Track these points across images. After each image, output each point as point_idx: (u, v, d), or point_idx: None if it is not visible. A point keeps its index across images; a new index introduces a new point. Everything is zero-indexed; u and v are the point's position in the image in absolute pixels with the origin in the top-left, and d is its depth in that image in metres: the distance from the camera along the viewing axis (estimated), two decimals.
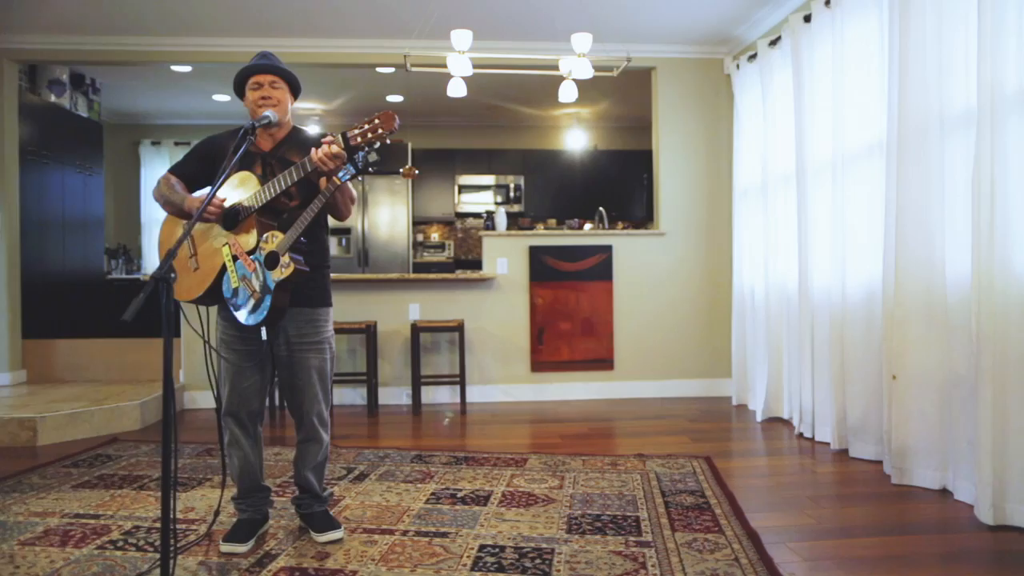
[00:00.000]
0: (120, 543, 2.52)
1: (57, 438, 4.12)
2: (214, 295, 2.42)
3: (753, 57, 4.84)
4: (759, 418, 4.55)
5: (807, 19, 4.05)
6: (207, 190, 2.46)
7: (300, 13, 4.82)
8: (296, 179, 2.33)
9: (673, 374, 5.43)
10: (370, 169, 2.33)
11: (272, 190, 2.34)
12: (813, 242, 4.01)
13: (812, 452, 3.78)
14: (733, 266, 5.15)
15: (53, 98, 6.08)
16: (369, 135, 2.26)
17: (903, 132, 3.12)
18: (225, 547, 2.43)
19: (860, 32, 3.60)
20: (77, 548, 2.47)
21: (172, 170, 2.55)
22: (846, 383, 3.67)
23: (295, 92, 2.55)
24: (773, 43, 4.53)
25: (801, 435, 4.09)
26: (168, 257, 1.93)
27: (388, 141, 2.30)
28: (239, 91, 2.51)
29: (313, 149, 2.31)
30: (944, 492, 3.02)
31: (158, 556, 2.35)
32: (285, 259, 2.30)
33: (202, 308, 2.53)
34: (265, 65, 2.46)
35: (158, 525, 2.67)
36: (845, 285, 3.68)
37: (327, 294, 2.58)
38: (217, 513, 2.63)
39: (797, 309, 4.17)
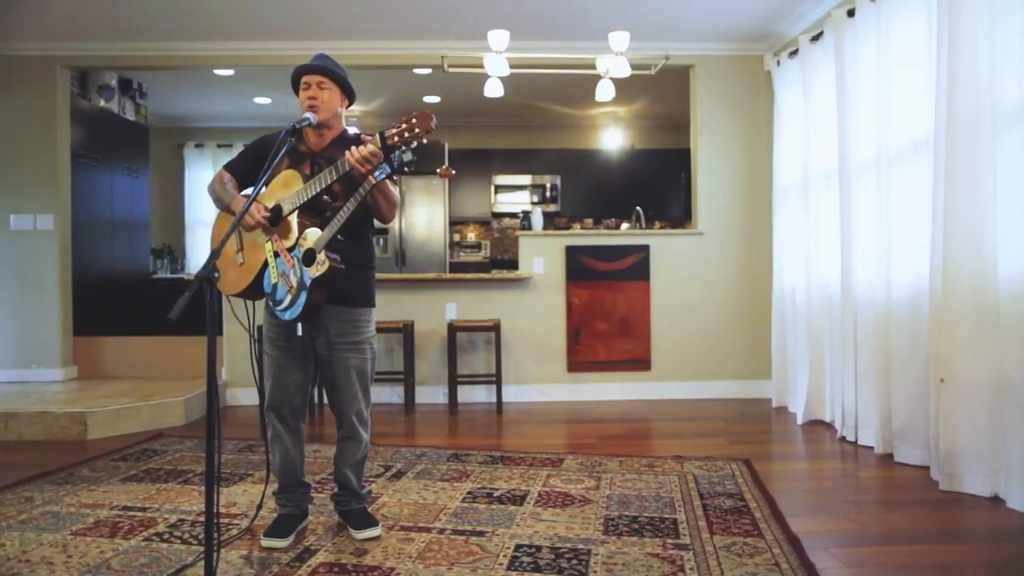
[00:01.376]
0: (166, 535, 2.58)
1: (106, 432, 4.25)
2: (257, 290, 2.48)
3: (794, 53, 4.75)
4: (800, 420, 4.47)
5: (851, 13, 3.96)
6: (246, 189, 2.51)
7: (339, 16, 4.88)
8: (334, 178, 2.36)
9: (711, 375, 5.36)
10: (406, 169, 2.35)
11: (312, 189, 2.38)
12: (856, 241, 3.92)
13: (855, 456, 3.70)
14: (773, 266, 5.06)
15: (102, 103, 6.26)
16: (406, 134, 2.28)
17: (952, 128, 3.03)
18: (266, 542, 2.47)
19: (906, 25, 3.51)
20: (125, 539, 2.54)
21: (227, 166, 2.63)
22: (891, 386, 3.58)
23: (347, 94, 2.57)
24: (815, 38, 4.45)
25: (844, 438, 4.01)
26: (212, 257, 1.98)
27: (425, 141, 2.31)
28: (295, 89, 2.55)
29: (350, 149, 2.34)
30: (996, 499, 2.92)
31: (202, 549, 2.41)
32: (321, 256, 2.33)
33: (249, 304, 2.58)
34: (314, 66, 2.50)
35: (201, 519, 2.73)
36: (890, 285, 3.60)
37: (370, 294, 2.60)
38: (259, 508, 2.68)
39: (839, 309, 4.08)
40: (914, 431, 3.44)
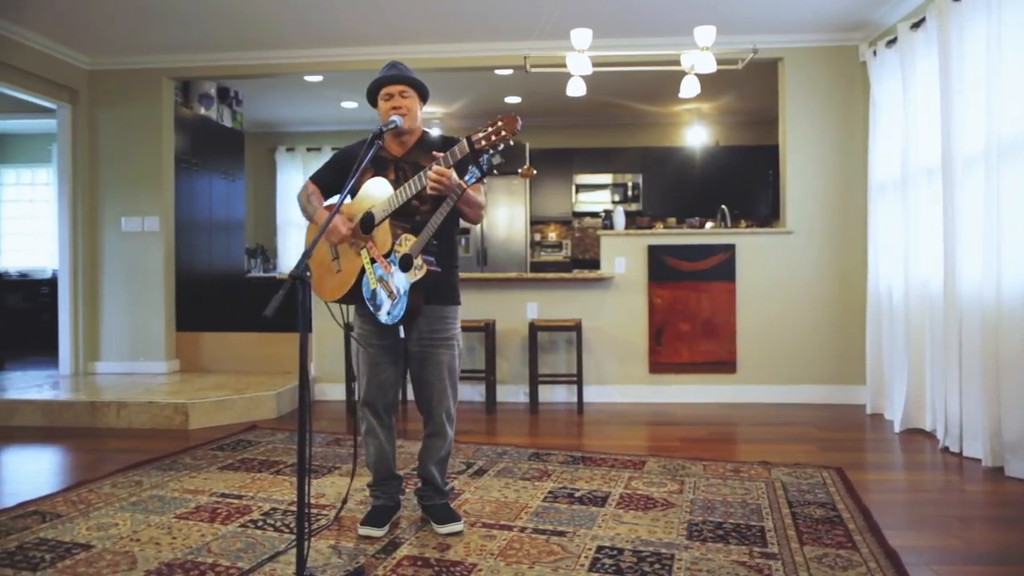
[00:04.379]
0: (260, 523, 2.70)
1: (205, 423, 4.48)
2: (355, 295, 2.56)
3: (892, 42, 4.51)
4: (897, 429, 4.24)
5: None
6: (336, 196, 2.59)
7: (422, 20, 4.98)
8: (420, 188, 2.41)
9: (800, 379, 5.17)
10: (494, 172, 2.38)
11: (403, 196, 2.43)
12: (961, 239, 3.69)
13: (960, 468, 3.48)
14: (868, 266, 4.83)
15: (203, 111, 6.62)
16: (493, 138, 2.30)
17: None
18: (363, 530, 2.56)
19: (1022, 9, 3.27)
20: (223, 525, 2.68)
21: (312, 178, 2.73)
22: (1001, 394, 3.35)
23: (423, 98, 2.63)
24: (916, 26, 4.21)
25: (946, 449, 3.77)
26: (303, 257, 2.06)
27: (511, 143, 2.33)
28: (372, 101, 2.63)
29: (427, 169, 2.37)
30: None
31: (293, 537, 2.51)
32: (418, 261, 2.39)
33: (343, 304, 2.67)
34: (395, 76, 2.56)
35: (292, 508, 2.85)
36: (1000, 286, 3.36)
37: (456, 292, 2.67)
38: (345, 500, 2.77)
39: (942, 311, 3.85)
40: None
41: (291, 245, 8.71)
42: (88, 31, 5.20)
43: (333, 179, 2.67)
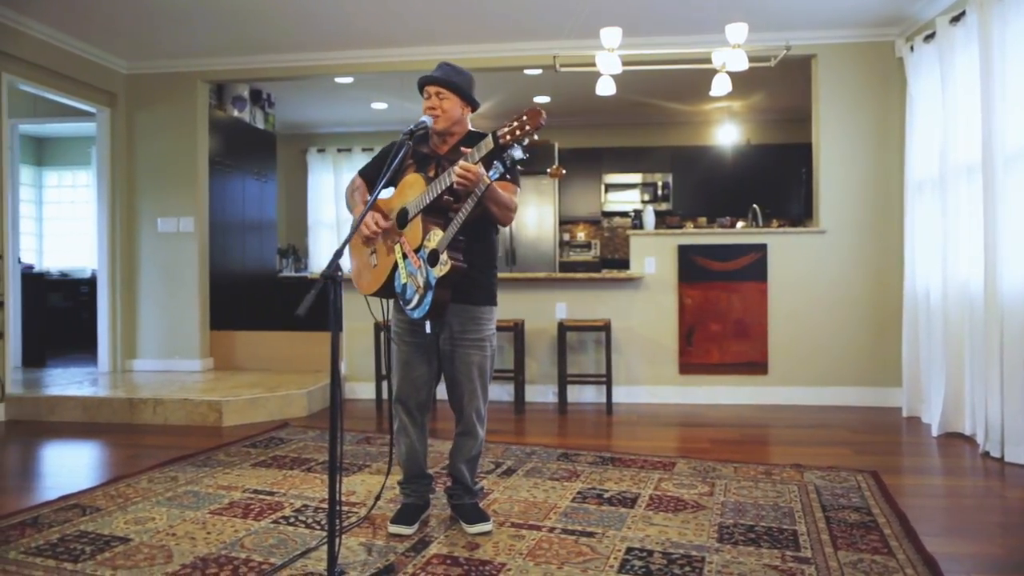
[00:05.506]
0: (292, 519, 2.74)
1: (238, 420, 4.56)
2: (389, 290, 2.59)
3: (931, 37, 4.42)
4: (935, 432, 4.15)
5: None
6: (384, 192, 2.61)
7: (452, 22, 5.00)
8: (449, 184, 2.42)
9: (834, 381, 5.08)
10: (518, 167, 2.37)
11: (433, 192, 2.45)
12: (1003, 238, 3.59)
13: (1001, 474, 3.39)
14: (904, 265, 4.72)
15: (236, 113, 6.72)
16: (517, 132, 2.30)
17: None
18: (393, 528, 2.58)
19: None
20: (256, 521, 2.72)
21: (360, 171, 2.78)
22: None
23: (466, 101, 2.62)
24: (955, 20, 4.11)
25: (987, 454, 3.68)
26: (335, 257, 2.08)
27: (536, 137, 2.32)
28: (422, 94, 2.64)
29: (456, 166, 2.37)
30: None
31: (324, 534, 2.54)
32: (444, 257, 2.40)
33: (384, 301, 2.69)
34: (433, 76, 2.58)
35: (324, 505, 2.88)
36: None
37: (491, 293, 2.66)
38: (377, 498, 2.79)
39: (982, 312, 3.76)
40: None
41: (322, 245, 8.81)
42: (126, 36, 5.32)
43: (379, 173, 2.70)
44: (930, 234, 4.43)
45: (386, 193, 2.66)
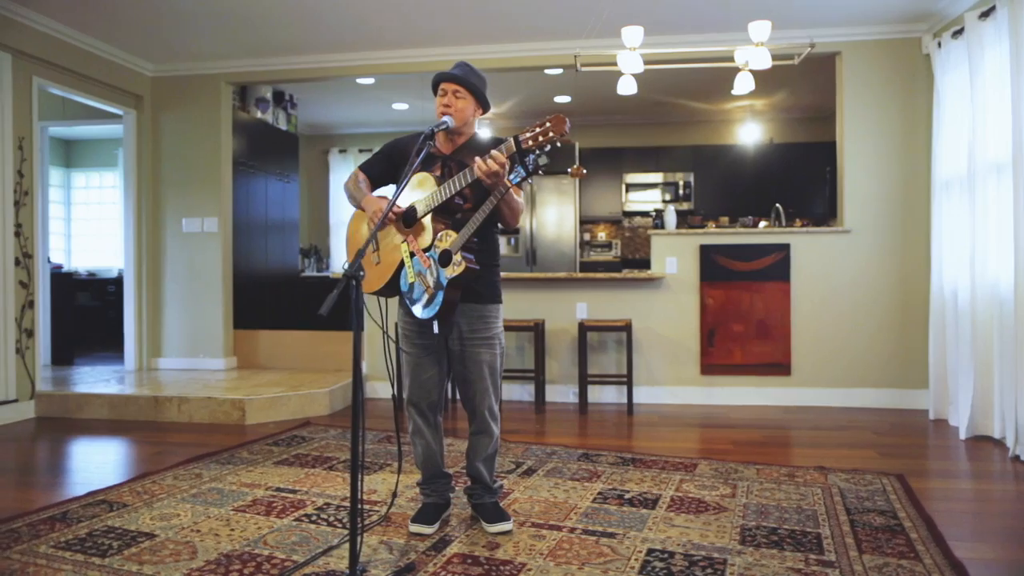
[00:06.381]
0: (314, 517, 2.76)
1: (261, 418, 4.60)
2: (393, 288, 2.60)
3: (959, 32, 4.34)
4: (962, 435, 4.08)
5: None
6: (385, 189, 2.62)
7: (472, 22, 5.01)
8: (464, 184, 2.42)
9: (858, 382, 5.01)
10: (540, 172, 2.37)
11: (446, 192, 2.45)
12: None
13: None
14: (931, 266, 4.65)
15: (259, 114, 6.79)
16: (540, 138, 2.30)
17: None
18: (414, 528, 2.59)
19: None
20: (278, 518, 2.74)
21: (361, 167, 2.78)
22: None
23: (481, 103, 2.62)
24: (984, 15, 4.04)
25: (1017, 458, 3.61)
26: (357, 256, 2.09)
27: (559, 144, 2.32)
28: (435, 93, 2.65)
29: (477, 160, 2.38)
30: None
31: (346, 532, 2.55)
32: (457, 257, 2.40)
33: (382, 303, 2.71)
34: (451, 74, 2.58)
35: (345, 504, 2.90)
36: None
37: (497, 291, 2.66)
38: (394, 496, 2.80)
39: (1012, 313, 3.68)
40: None
41: (344, 245, 8.85)
42: (152, 39, 5.39)
43: (383, 169, 2.71)
44: (958, 233, 4.35)
45: (379, 192, 2.68)
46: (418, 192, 2.54)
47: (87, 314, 7.63)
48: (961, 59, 4.32)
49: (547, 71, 5.98)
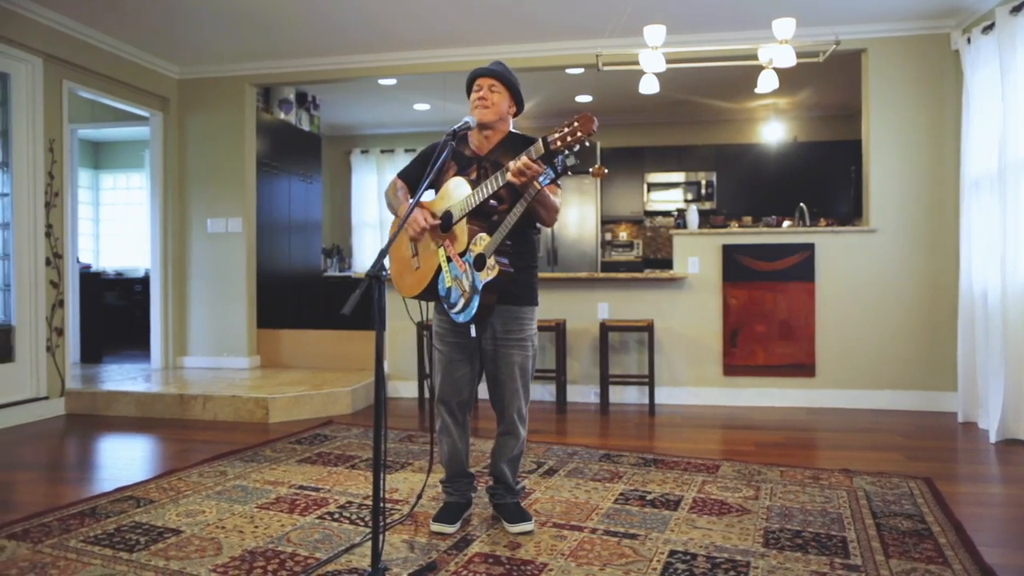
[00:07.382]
0: (336, 515, 2.78)
1: (284, 417, 4.65)
2: (433, 292, 2.61)
3: (989, 28, 4.26)
4: (992, 439, 4.00)
5: None
6: (425, 195, 2.62)
7: (493, 22, 5.01)
8: (496, 188, 2.41)
9: (884, 384, 4.94)
10: (569, 172, 2.36)
11: (479, 195, 2.45)
12: None
13: None
14: (960, 266, 4.57)
15: (282, 115, 6.85)
16: (569, 139, 2.29)
17: None
18: (435, 527, 2.60)
19: None
20: (301, 516, 2.77)
21: (400, 174, 2.78)
22: None
23: (516, 101, 2.63)
24: (1016, 10, 3.96)
25: None
26: (380, 256, 2.10)
27: (587, 144, 2.32)
28: (469, 92, 2.65)
29: (510, 164, 2.37)
30: None
31: (368, 531, 2.57)
32: (491, 261, 2.41)
33: (423, 302, 2.71)
34: (489, 69, 2.59)
35: (367, 502, 2.92)
36: None
37: (533, 293, 2.66)
38: (420, 495, 2.81)
39: None
40: None
41: (366, 245, 8.92)
42: (178, 42, 5.47)
43: (419, 175, 2.70)
44: (988, 232, 4.27)
45: (428, 196, 2.67)
46: (455, 196, 2.53)
47: (115, 313, 7.75)
48: (991, 55, 4.24)
49: (568, 71, 5.96)
